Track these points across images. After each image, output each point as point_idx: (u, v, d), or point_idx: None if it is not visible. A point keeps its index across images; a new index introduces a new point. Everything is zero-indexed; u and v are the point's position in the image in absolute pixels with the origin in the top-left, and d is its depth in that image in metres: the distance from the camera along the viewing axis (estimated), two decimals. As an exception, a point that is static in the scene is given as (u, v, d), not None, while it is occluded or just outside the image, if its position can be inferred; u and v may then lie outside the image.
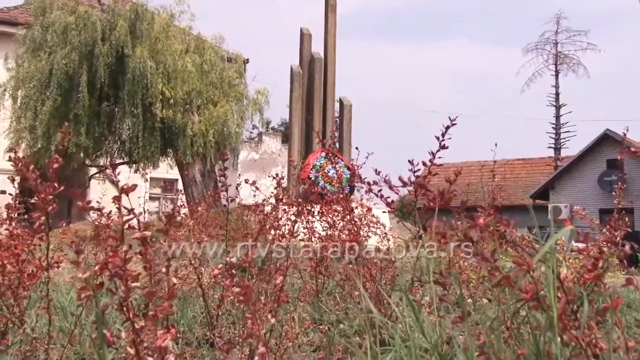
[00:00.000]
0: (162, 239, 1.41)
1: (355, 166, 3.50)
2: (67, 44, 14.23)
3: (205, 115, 15.12)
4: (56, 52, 14.22)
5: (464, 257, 2.81)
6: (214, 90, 15.54)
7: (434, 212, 1.66)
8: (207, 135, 15.01)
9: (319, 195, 3.44)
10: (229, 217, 3.09)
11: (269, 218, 2.86)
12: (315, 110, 12.41)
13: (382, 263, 2.85)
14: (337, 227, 3.13)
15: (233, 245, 2.86)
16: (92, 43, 14.11)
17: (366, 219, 3.39)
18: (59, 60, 14.10)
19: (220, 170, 2.56)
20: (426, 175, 1.74)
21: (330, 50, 12.87)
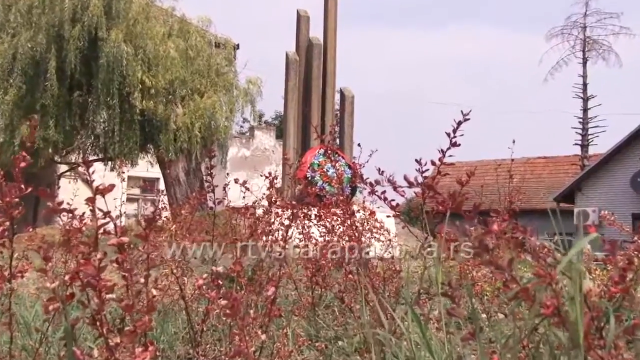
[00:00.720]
0: (141, 246, 1.42)
1: (357, 165, 3.51)
2: (32, 25, 14.20)
3: (190, 107, 15.12)
4: (20, 33, 14.19)
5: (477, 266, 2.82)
6: (200, 79, 15.54)
7: (444, 217, 1.67)
8: (193, 130, 15.01)
9: (317, 197, 3.45)
10: (215, 221, 3.10)
11: (260, 222, 2.87)
12: (314, 102, 12.43)
13: (386, 273, 2.86)
14: (336, 232, 3.14)
15: (222, 252, 2.87)
16: (60, 24, 14.08)
17: (369, 224, 3.40)
18: (23, 44, 14.06)
19: (207, 168, 2.57)
20: (435, 175, 1.75)
21: (330, 34, 12.87)
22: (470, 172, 1.89)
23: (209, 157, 2.53)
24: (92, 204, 1.19)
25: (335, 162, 10.40)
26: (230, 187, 3.59)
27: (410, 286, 3.51)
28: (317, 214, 3.35)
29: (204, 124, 15.20)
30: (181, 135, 14.88)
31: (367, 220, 3.42)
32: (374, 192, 2.20)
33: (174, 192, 15.52)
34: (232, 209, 4.20)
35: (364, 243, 3.07)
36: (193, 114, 15.02)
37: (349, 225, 2.89)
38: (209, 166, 2.54)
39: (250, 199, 4.32)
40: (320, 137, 3.30)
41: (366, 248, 3.14)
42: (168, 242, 3.43)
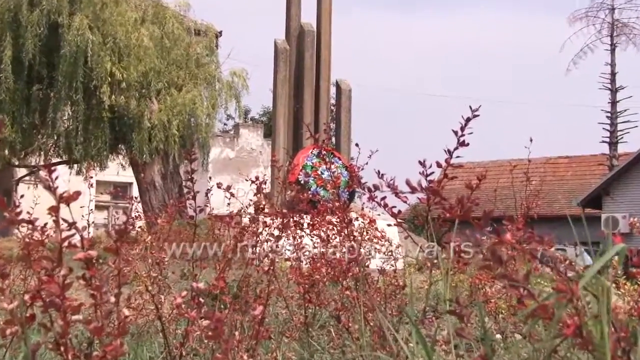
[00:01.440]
0: (112, 260, 1.43)
1: (355, 167, 3.52)
2: (-17, 9, 14.20)
3: (166, 102, 15.14)
4: (-31, 19, 14.18)
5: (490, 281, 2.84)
6: (177, 71, 15.56)
7: (452, 225, 1.68)
8: (170, 128, 15.02)
9: (310, 203, 3.46)
10: (196, 232, 3.11)
11: (247, 233, 2.88)
12: (306, 96, 12.46)
13: (388, 288, 2.88)
14: (332, 243, 3.15)
15: (201, 266, 2.88)
16: (17, 8, 14.04)
17: (368, 234, 3.42)
18: (-28, 30, 14.05)
19: (186, 172, 2.58)
20: (441, 179, 1.77)
21: (324, 19, 12.90)
22: (481, 175, 1.91)
23: (188, 159, 2.53)
24: (56, 213, 1.20)
25: (331, 164, 10.44)
26: (213, 192, 3.60)
27: (415, 303, 3.53)
28: (311, 223, 3.36)
29: (182, 121, 15.22)
30: (157, 135, 14.89)
31: (366, 229, 3.44)
32: (373, 198, 2.22)
33: (149, 199, 15.50)
34: (215, 218, 4.21)
35: (363, 255, 3.07)
36: (170, 110, 15.03)
37: (346, 235, 2.91)
38: (188, 169, 2.55)
39: (235, 206, 4.32)
40: (314, 136, 3.31)
41: (365, 260, 3.15)
42: (142, 255, 3.43)
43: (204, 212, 3.09)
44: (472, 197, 2.13)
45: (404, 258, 4.66)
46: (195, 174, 2.60)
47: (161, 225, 4.27)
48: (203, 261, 2.97)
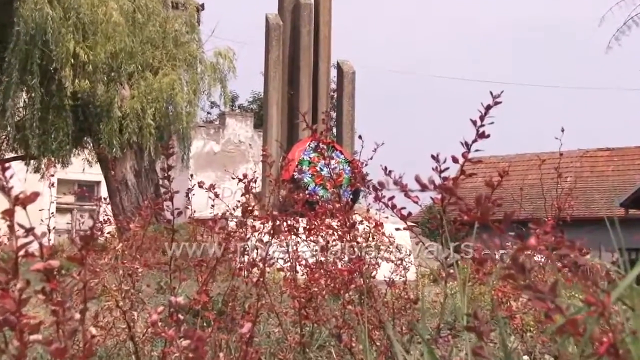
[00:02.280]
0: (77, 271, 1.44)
1: (359, 162, 3.53)
2: None
3: (140, 87, 15.14)
4: None
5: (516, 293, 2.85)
6: (152, 51, 15.56)
7: (471, 228, 1.69)
8: (144, 117, 15.01)
9: (307, 204, 3.48)
10: (175, 238, 3.12)
11: (233, 239, 2.89)
12: (302, 80, 12.46)
13: (397, 302, 2.89)
14: (332, 250, 3.17)
15: (180, 278, 2.89)
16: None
17: (375, 239, 3.43)
18: None
19: (163, 169, 2.59)
20: (458, 176, 1.78)
21: (323, -10, 12.94)
22: (503, 171, 1.92)
23: (165, 154, 2.55)
24: (10, 217, 1.21)
25: (331, 159, 10.47)
26: (195, 192, 3.61)
27: (428, 319, 3.55)
28: (308, 227, 3.38)
29: (158, 109, 15.22)
30: (129, 125, 14.88)
31: (372, 234, 3.45)
32: (380, 199, 2.23)
33: (120, 200, 15.51)
34: (197, 222, 4.22)
35: (368, 264, 3.08)
36: (144, 96, 15.03)
37: (349, 241, 2.92)
38: (165, 166, 2.56)
39: (221, 208, 4.33)
40: (311, 127, 3.31)
41: (371, 270, 3.16)
42: (112, 266, 3.45)
43: (184, 215, 3.10)
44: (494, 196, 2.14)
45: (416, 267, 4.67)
46: (173, 171, 2.62)
47: (134, 231, 4.28)
48: (183, 272, 2.98)
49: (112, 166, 15.23)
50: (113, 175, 15.44)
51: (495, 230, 1.12)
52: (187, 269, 3.22)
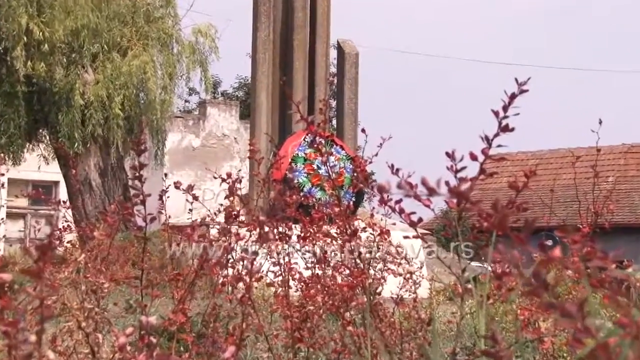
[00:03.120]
0: (32, 286, 1.46)
1: (363, 159, 3.55)
2: None
3: (106, 71, 15.13)
4: None
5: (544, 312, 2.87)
6: (121, 28, 15.55)
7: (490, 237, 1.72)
8: (111, 107, 14.99)
9: (302, 208, 3.49)
10: (147, 248, 3.13)
11: (215, 249, 2.91)
12: (297, 63, 12.47)
13: (407, 323, 2.91)
14: (330, 262, 3.18)
15: (153, 294, 2.91)
16: None
17: (380, 249, 3.45)
18: None
19: (134, 167, 2.60)
20: (476, 176, 1.79)
21: (321, -42, 12.95)
22: (530, 170, 1.94)
23: (136, 150, 2.56)
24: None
25: (330, 156, 10.49)
26: (170, 194, 3.62)
27: (442, 343, 3.57)
28: (302, 235, 3.39)
29: (128, 97, 15.21)
30: (93, 116, 14.88)
31: (377, 243, 3.47)
32: (386, 202, 2.24)
33: (83, 204, 15.52)
34: (173, 229, 4.23)
35: (372, 278, 3.10)
36: (111, 82, 15.03)
37: (350, 252, 2.94)
38: (136, 163, 2.57)
39: (200, 213, 4.35)
40: (306, 119, 3.31)
41: (376, 285, 3.18)
42: (73, 280, 3.46)
43: (157, 222, 3.11)
44: (519, 199, 2.16)
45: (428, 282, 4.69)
46: (145, 169, 2.63)
47: (99, 240, 4.30)
48: (156, 287, 3.00)
49: (72, 164, 15.18)
50: (74, 174, 15.41)
51: (515, 239, 1.13)
52: (161, 284, 3.24)
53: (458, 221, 1.87)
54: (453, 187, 1.18)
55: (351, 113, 12.85)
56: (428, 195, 1.19)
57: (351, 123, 12.82)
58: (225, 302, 3.18)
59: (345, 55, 12.96)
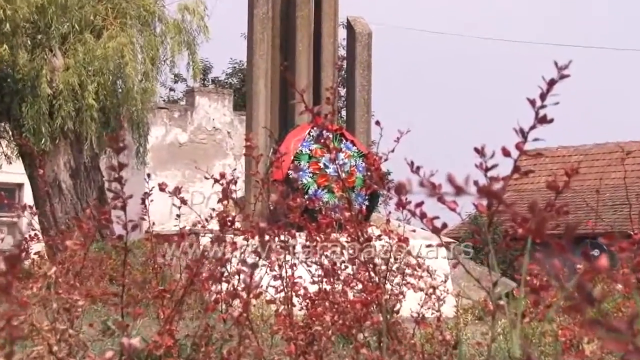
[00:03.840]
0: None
1: (378, 156, 3.56)
2: None
3: (78, 55, 15.13)
4: None
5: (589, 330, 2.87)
6: (94, 5, 15.55)
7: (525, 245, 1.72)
8: (84, 96, 14.96)
9: (307, 213, 3.50)
10: (128, 260, 3.15)
11: (207, 261, 2.93)
12: (300, 45, 12.46)
13: (429, 346, 2.91)
14: (340, 276, 3.19)
15: (135, 314, 2.92)
16: None
17: (398, 260, 3.46)
18: None
19: (111, 167, 2.61)
20: (509, 175, 1.80)
21: None
22: (571, 168, 1.95)
23: (114, 147, 2.57)
24: None
25: (340, 152, 10.47)
26: (154, 198, 3.64)
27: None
28: (307, 244, 3.40)
29: (103, 85, 15.19)
30: (62, 107, 14.87)
31: (394, 252, 3.47)
32: (405, 205, 2.25)
33: (52, 209, 15.52)
34: (158, 238, 4.25)
35: (389, 293, 3.10)
36: (83, 67, 15.03)
37: (363, 263, 2.95)
38: (115, 163, 2.59)
39: (189, 218, 4.36)
40: (311, 110, 3.32)
41: (393, 303, 3.19)
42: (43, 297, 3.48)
43: (139, 229, 3.12)
44: (559, 201, 2.17)
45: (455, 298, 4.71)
46: (125, 169, 2.64)
47: (72, 251, 4.32)
48: (138, 305, 3.01)
49: (39, 163, 15.20)
50: (41, 175, 15.42)
51: (555, 248, 1.14)
52: (144, 302, 3.25)
53: (488, 227, 1.88)
54: (483, 187, 1.19)
55: (363, 103, 12.84)
56: (454, 195, 1.19)
57: (363, 114, 12.81)
58: (219, 322, 3.18)
59: (356, 35, 12.95)
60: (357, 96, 12.80)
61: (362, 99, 12.82)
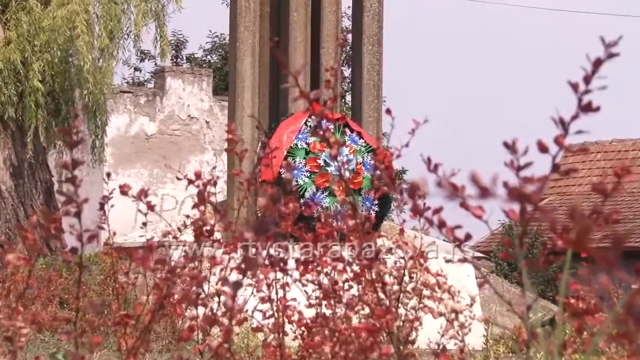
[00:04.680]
0: None
1: (389, 151, 3.58)
2: None
3: (21, 26, 15.11)
4: None
5: None
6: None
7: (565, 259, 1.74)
8: (28, 77, 14.95)
9: (303, 221, 3.52)
10: (83, 278, 3.17)
11: (180, 279, 2.95)
12: (294, 15, 12.44)
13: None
14: (341, 298, 3.20)
15: (91, 344, 2.94)
16: None
17: (413, 279, 3.47)
18: None
19: (64, 165, 2.62)
20: (546, 175, 1.82)
21: None
22: (622, 167, 1.97)
23: (67, 140, 2.59)
24: None
25: (343, 146, 10.45)
26: (115, 202, 3.66)
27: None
28: (303, 259, 3.42)
29: (51, 63, 15.18)
30: (2, 90, 14.85)
31: (409, 270, 3.49)
32: (421, 212, 2.27)
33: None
34: (119, 251, 4.26)
35: (402, 319, 3.12)
36: (28, 41, 15.01)
37: (370, 283, 2.96)
38: (69, 159, 2.61)
39: (159, 228, 4.39)
40: (307, 95, 3.33)
41: (408, 331, 3.20)
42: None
43: (96, 242, 3.14)
44: (608, 206, 2.18)
45: (483, 326, 4.73)
46: (80, 167, 2.66)
47: (13, 267, 4.35)
48: (95, 334, 3.03)
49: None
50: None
51: (601, 263, 1.16)
52: (103, 330, 3.27)
53: (522, 238, 1.90)
54: (514, 189, 1.20)
55: (372, 86, 12.84)
56: (479, 198, 1.21)
57: (373, 100, 12.81)
58: (194, 354, 3.21)
59: (363, 4, 12.96)
60: (365, 78, 12.81)
61: (370, 81, 12.83)
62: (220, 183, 3.38)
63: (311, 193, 11.12)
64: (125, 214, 4.18)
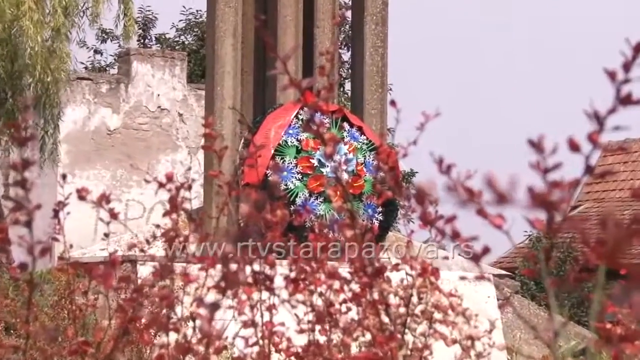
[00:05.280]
0: None
1: (394, 149, 3.60)
2: None
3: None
4: None
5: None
6: None
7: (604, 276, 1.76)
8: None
9: (293, 231, 3.54)
10: (33, 298, 3.18)
11: (148, 301, 2.97)
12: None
13: None
14: (338, 322, 3.22)
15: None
16: None
17: (424, 300, 3.49)
18: None
19: (12, 166, 2.63)
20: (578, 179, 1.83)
21: None
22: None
23: (15, 138, 2.61)
24: None
25: (340, 144, 10.43)
26: (72, 209, 3.67)
27: None
28: (292, 276, 3.43)
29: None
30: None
31: (418, 289, 3.51)
32: (431, 221, 2.28)
33: None
34: (77, 267, 4.27)
35: (410, 347, 3.13)
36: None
37: (372, 304, 2.98)
38: (16, 159, 2.63)
39: (123, 240, 4.41)
40: (297, 84, 3.33)
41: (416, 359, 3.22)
42: None
43: (50, 256, 3.15)
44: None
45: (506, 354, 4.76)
46: (31, 168, 2.67)
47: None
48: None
49: None
50: None
51: (638, 280, 1.17)
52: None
53: (548, 252, 1.91)
54: (538, 194, 1.20)
55: (376, 72, 12.84)
56: (497, 205, 1.21)
57: (376, 89, 12.81)
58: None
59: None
60: (367, 63, 12.81)
61: (373, 67, 12.84)
62: (196, 186, 3.40)
63: (303, 199, 11.13)
64: (83, 224, 4.21)
